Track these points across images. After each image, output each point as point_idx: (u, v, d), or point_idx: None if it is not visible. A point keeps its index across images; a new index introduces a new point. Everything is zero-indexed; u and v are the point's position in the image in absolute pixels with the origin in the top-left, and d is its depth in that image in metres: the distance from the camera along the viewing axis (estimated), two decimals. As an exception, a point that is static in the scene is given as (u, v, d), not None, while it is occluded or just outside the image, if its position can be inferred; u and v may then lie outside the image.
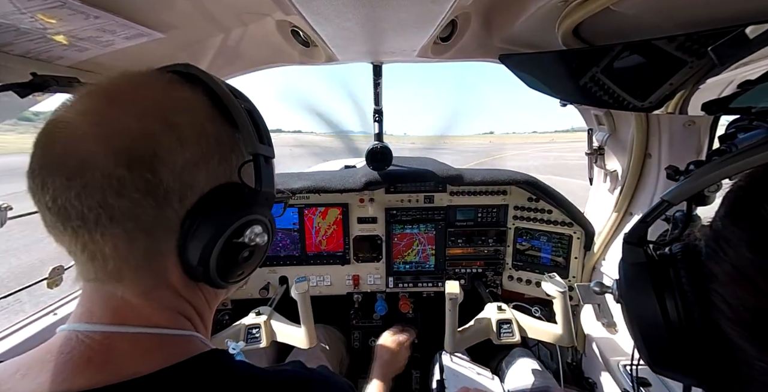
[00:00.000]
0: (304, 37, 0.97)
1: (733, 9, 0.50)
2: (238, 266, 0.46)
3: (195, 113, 0.42)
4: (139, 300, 0.41)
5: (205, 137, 0.41)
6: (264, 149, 0.45)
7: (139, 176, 0.36)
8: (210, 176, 0.41)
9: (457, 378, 1.24)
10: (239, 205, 0.43)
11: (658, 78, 0.59)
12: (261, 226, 0.46)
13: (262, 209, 0.45)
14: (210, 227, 0.40)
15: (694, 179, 0.39)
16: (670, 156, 1.05)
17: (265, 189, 0.44)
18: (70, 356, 0.37)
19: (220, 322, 1.56)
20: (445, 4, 0.64)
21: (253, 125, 0.45)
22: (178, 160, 0.38)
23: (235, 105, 0.44)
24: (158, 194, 0.37)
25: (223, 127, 0.43)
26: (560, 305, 1.16)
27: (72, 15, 0.60)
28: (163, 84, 0.42)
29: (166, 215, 0.39)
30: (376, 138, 1.41)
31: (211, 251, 0.41)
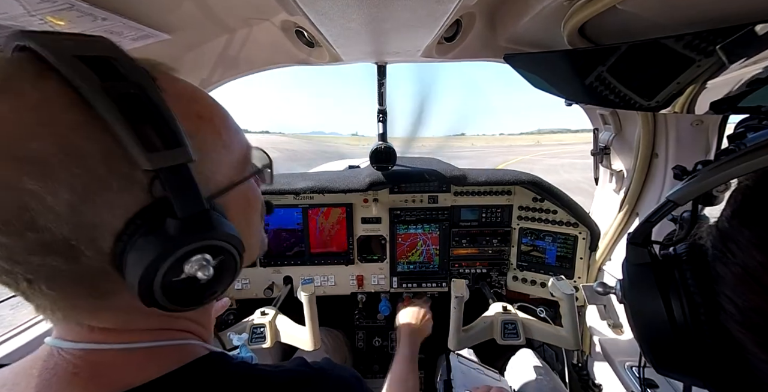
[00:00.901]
0: (309, 37, 0.98)
1: (742, 7, 0.49)
2: (204, 292, 0.37)
3: (54, 127, 0.28)
4: (116, 327, 0.37)
5: (82, 162, 0.29)
6: (166, 157, 0.31)
7: (21, 238, 0.28)
8: (114, 207, 0.31)
9: (465, 378, 1.23)
10: (160, 240, 0.32)
11: (666, 77, 0.59)
12: (203, 253, 0.34)
13: (196, 234, 0.33)
14: (137, 272, 0.31)
15: (701, 179, 0.38)
16: (678, 156, 1.04)
17: (187, 211, 0.33)
18: (54, 371, 0.35)
19: (225, 321, 1.57)
20: (450, 4, 0.64)
21: (141, 119, 0.30)
22: (56, 205, 0.28)
23: (99, 96, 0.29)
24: (60, 249, 0.29)
25: (105, 135, 0.29)
26: (567, 308, 1.16)
27: (80, 17, 0.61)
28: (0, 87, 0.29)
29: (87, 265, 0.31)
30: (381, 138, 1.41)
31: (153, 294, 0.33)
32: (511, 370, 1.39)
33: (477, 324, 1.29)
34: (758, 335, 0.31)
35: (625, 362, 1.11)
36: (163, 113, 0.32)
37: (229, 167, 0.40)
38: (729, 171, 0.35)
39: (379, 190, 1.55)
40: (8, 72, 0.30)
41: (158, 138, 0.31)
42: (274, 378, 0.42)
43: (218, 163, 0.39)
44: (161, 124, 0.31)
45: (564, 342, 1.19)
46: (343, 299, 1.71)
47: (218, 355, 0.42)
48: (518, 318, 1.25)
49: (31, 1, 0.53)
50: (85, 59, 0.30)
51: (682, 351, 0.37)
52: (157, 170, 0.31)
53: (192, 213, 0.33)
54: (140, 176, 0.32)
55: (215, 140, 0.39)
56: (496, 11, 0.89)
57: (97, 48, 0.32)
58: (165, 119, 0.32)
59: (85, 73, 0.29)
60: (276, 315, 1.29)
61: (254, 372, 0.42)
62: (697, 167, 0.47)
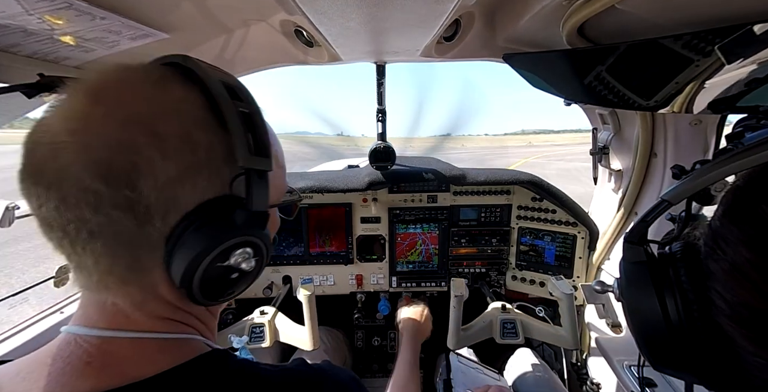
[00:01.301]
0: (308, 37, 0.98)
1: (741, 7, 0.49)
2: (225, 288, 0.43)
3: (184, 118, 0.37)
4: (132, 310, 0.40)
5: (193, 149, 0.37)
6: (257, 162, 0.39)
7: (117, 192, 0.34)
8: (197, 191, 0.37)
9: (465, 377, 1.23)
10: (226, 226, 0.39)
11: (664, 77, 0.59)
12: (250, 248, 0.41)
13: (252, 229, 0.41)
14: (193, 248, 0.37)
15: (694, 179, 0.39)
16: (676, 155, 1.04)
17: (256, 208, 0.40)
18: (69, 360, 0.37)
19: (225, 321, 1.57)
20: (449, 4, 0.64)
21: (249, 132, 0.39)
22: (161, 175, 0.35)
23: (229, 108, 0.38)
24: (138, 211, 0.35)
25: (217, 135, 0.38)
26: (566, 307, 1.16)
27: (78, 16, 0.60)
28: (151, 83, 0.38)
29: (148, 232, 0.36)
30: (380, 138, 1.41)
31: (193, 274, 0.37)
32: (510, 369, 1.39)
33: (476, 323, 1.29)
34: (747, 328, 0.32)
35: (623, 361, 1.11)
36: (263, 130, 0.41)
37: (275, 190, 0.47)
38: (721, 170, 0.36)
39: (379, 189, 1.55)
40: (165, 73, 0.39)
41: (255, 147, 0.39)
42: (275, 378, 0.44)
43: (271, 184, 0.45)
44: (260, 138, 0.40)
45: (563, 341, 1.19)
46: (342, 298, 1.71)
47: (221, 352, 0.44)
48: (517, 318, 1.25)
49: (29, 0, 0.53)
50: (224, 83, 0.40)
51: (676, 347, 0.38)
52: (247, 169, 0.39)
53: (259, 211, 0.41)
54: (225, 173, 0.39)
55: (275, 166, 0.46)
56: (495, 11, 0.89)
57: (231, 80, 0.43)
58: (264, 135, 0.41)
59: (222, 91, 0.39)
60: (275, 314, 1.29)
61: (255, 370, 0.43)
62: (695, 167, 0.47)
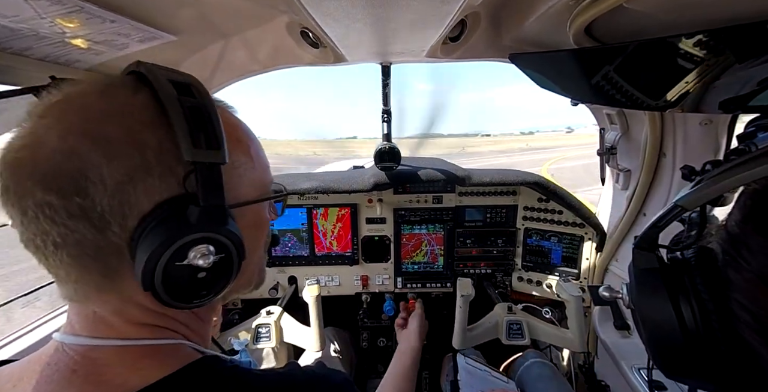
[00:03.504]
0: (314, 38, 0.98)
1: (750, 6, 0.48)
2: (195, 289, 0.40)
3: (128, 121, 0.36)
4: (113, 317, 0.40)
5: (140, 150, 0.36)
6: (206, 155, 0.37)
7: (69, 201, 0.33)
8: (151, 192, 0.36)
9: (472, 379, 1.23)
10: (179, 223, 0.37)
11: (673, 76, 0.58)
12: (211, 246, 0.38)
13: (209, 225, 0.38)
14: (148, 249, 0.35)
15: (712, 183, 0.36)
16: (686, 156, 1.03)
17: (208, 202, 0.37)
18: (56, 367, 0.37)
19: (230, 321, 1.58)
20: (455, 4, 0.64)
21: (197, 125, 0.37)
22: (109, 179, 0.34)
23: (173, 104, 0.37)
24: (93, 218, 0.34)
25: (166, 134, 0.37)
26: (573, 309, 1.15)
27: (89, 19, 0.61)
28: (97, 92, 0.37)
29: (109, 238, 0.35)
30: (385, 138, 1.41)
31: (152, 275, 0.36)
32: (517, 371, 1.38)
33: (482, 323, 1.29)
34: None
35: (632, 364, 1.09)
36: (214, 124, 0.39)
37: (250, 187, 0.46)
38: (741, 176, 0.34)
39: (384, 190, 1.55)
40: (113, 82, 0.39)
41: (204, 140, 0.37)
42: (268, 383, 0.44)
43: (244, 180, 0.45)
44: (209, 130, 0.38)
45: (570, 344, 1.18)
46: (347, 299, 1.71)
47: (211, 359, 0.43)
48: (523, 319, 1.25)
49: (41, 4, 0.54)
50: (173, 81, 0.39)
51: (694, 357, 0.36)
52: (195, 163, 0.37)
53: (212, 204, 0.38)
54: (179, 170, 0.37)
55: (246, 161, 0.45)
56: (501, 11, 0.88)
57: (184, 78, 0.41)
58: (214, 128, 0.39)
59: (169, 88, 0.38)
60: (281, 314, 1.30)
61: (248, 376, 0.43)
62: (706, 168, 0.46)
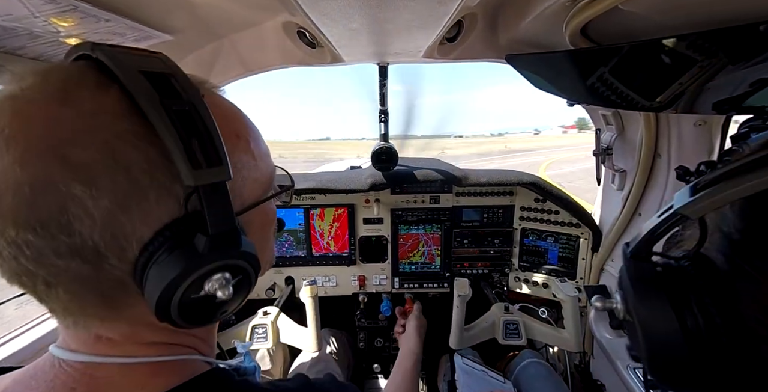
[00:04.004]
0: (311, 38, 0.98)
1: (745, 7, 0.49)
2: (213, 313, 0.37)
3: (103, 134, 0.29)
4: (121, 339, 0.36)
5: (126, 171, 0.30)
6: (209, 175, 0.32)
7: (53, 241, 0.28)
8: (148, 218, 0.31)
9: (469, 379, 1.23)
10: (189, 255, 0.32)
11: (668, 77, 0.59)
12: (227, 273, 0.35)
13: (222, 252, 0.34)
14: (159, 285, 0.31)
15: (719, 190, 0.31)
16: (680, 156, 1.04)
17: (217, 230, 0.33)
18: (53, 384, 0.34)
19: (227, 322, 1.57)
20: (452, 5, 0.64)
21: (192, 137, 0.31)
22: (95, 211, 0.29)
23: (158, 111, 0.30)
24: (87, 255, 0.30)
25: (152, 146, 0.31)
26: (570, 309, 1.15)
27: (84, 18, 0.61)
28: (51, 96, 0.29)
29: (109, 272, 0.31)
30: (382, 139, 1.41)
31: (168, 309, 0.33)
32: (513, 371, 1.39)
33: (479, 323, 1.29)
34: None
35: (628, 363, 1.10)
36: (210, 132, 0.33)
37: (256, 186, 0.41)
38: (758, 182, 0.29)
39: (381, 190, 1.55)
40: (70, 79, 0.31)
41: (203, 155, 0.31)
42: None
43: (248, 181, 0.40)
44: (207, 142, 0.32)
45: (566, 343, 1.19)
46: (344, 299, 1.71)
47: (220, 371, 0.41)
48: (520, 319, 1.25)
49: (35, 3, 0.53)
50: (148, 74, 0.32)
51: (700, 373, 0.33)
52: (197, 186, 0.31)
53: (222, 231, 0.33)
54: (178, 190, 0.32)
55: (248, 159, 0.40)
56: (498, 12, 0.89)
57: (158, 64, 0.34)
58: (211, 137, 0.33)
59: (147, 88, 0.31)
60: (278, 315, 1.30)
61: (256, 390, 0.41)
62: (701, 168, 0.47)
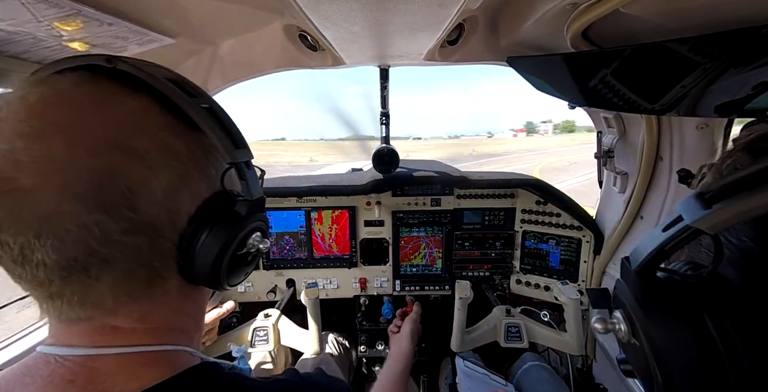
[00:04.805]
0: (312, 41, 0.98)
1: (747, 11, 0.49)
2: (244, 270, 0.47)
3: (151, 128, 0.37)
4: (133, 325, 0.39)
5: (175, 156, 0.37)
6: (242, 154, 0.41)
7: (120, 218, 0.33)
8: (194, 195, 0.39)
9: (471, 382, 1.22)
10: (235, 219, 0.41)
11: (670, 80, 0.59)
12: (260, 232, 0.45)
13: (256, 215, 0.44)
14: (213, 248, 0.39)
15: (744, 203, 0.26)
16: (682, 159, 1.03)
17: (255, 196, 0.43)
18: (50, 378, 0.35)
19: (229, 324, 1.57)
20: (453, 8, 0.64)
21: (220, 126, 0.40)
22: (157, 190, 0.35)
23: (194, 107, 0.38)
24: (147, 230, 0.35)
25: (189, 136, 0.39)
26: (572, 313, 1.15)
27: (87, 22, 0.61)
28: (96, 101, 0.35)
29: (161, 244, 0.37)
30: (383, 141, 1.41)
31: (219, 270, 0.40)
32: (515, 374, 1.38)
33: (480, 326, 1.29)
34: None
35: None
36: (230, 121, 0.42)
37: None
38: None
39: (382, 193, 1.55)
40: (103, 86, 0.37)
41: (232, 140, 0.40)
42: (265, 390, 0.43)
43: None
44: (231, 129, 0.41)
45: (568, 347, 1.18)
46: (345, 302, 1.71)
47: (210, 365, 0.43)
48: (522, 322, 1.24)
49: (38, 8, 0.54)
50: (171, 81, 0.39)
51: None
52: (236, 163, 0.40)
53: (259, 197, 0.43)
54: (211, 170, 0.41)
55: None
56: (499, 15, 0.89)
57: (174, 75, 0.41)
58: (232, 125, 0.42)
59: (177, 91, 0.38)
60: (279, 317, 1.29)
61: (246, 383, 0.42)
62: (703, 171, 0.46)
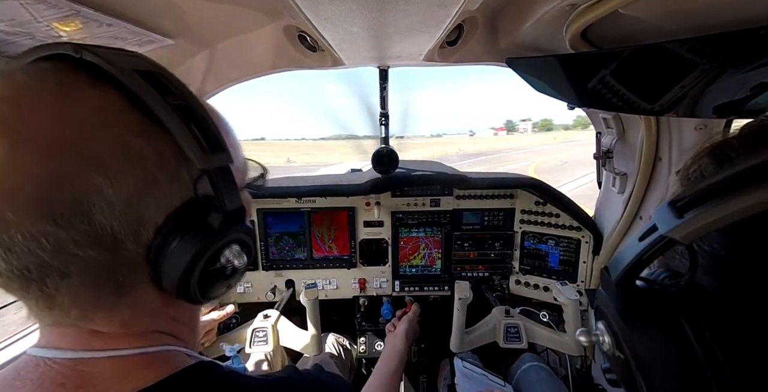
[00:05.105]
0: (311, 41, 0.98)
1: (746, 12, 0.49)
2: (223, 284, 0.42)
3: (112, 130, 0.32)
4: (115, 330, 0.37)
5: (139, 161, 0.32)
6: (216, 159, 0.36)
7: (73, 230, 0.30)
8: (161, 204, 0.34)
9: (470, 382, 1.22)
10: (206, 231, 0.37)
11: (669, 81, 0.59)
12: (236, 245, 0.40)
13: (233, 227, 0.39)
14: (180, 262, 0.35)
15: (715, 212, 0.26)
16: (681, 159, 1.04)
17: (230, 207, 0.38)
18: (40, 382, 0.34)
19: (228, 325, 1.57)
20: (452, 9, 0.64)
21: (194, 126, 0.35)
22: (115, 200, 0.31)
23: (161, 105, 0.33)
24: (105, 242, 0.32)
25: (158, 138, 0.34)
26: (571, 313, 1.15)
27: (86, 23, 0.61)
28: (53, 95, 0.31)
29: (125, 256, 0.33)
30: (383, 142, 1.41)
31: (188, 284, 0.36)
32: (514, 375, 1.38)
33: (479, 326, 1.29)
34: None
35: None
36: (208, 122, 0.37)
37: (237, 174, 0.43)
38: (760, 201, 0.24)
39: (382, 193, 1.55)
40: (65, 79, 0.32)
41: (206, 143, 0.35)
42: (264, 387, 0.42)
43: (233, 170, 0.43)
44: (208, 132, 0.36)
45: (567, 347, 1.18)
46: (344, 302, 1.70)
47: (206, 364, 0.42)
48: (521, 322, 1.24)
49: (37, 8, 0.53)
50: (141, 73, 0.34)
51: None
52: (209, 169, 0.36)
53: (233, 209, 0.38)
54: (185, 175, 0.36)
55: (233, 151, 0.42)
56: (498, 16, 0.89)
57: (143, 63, 0.36)
58: (210, 127, 0.37)
59: (144, 86, 0.33)
60: (278, 318, 1.29)
61: (244, 381, 0.42)
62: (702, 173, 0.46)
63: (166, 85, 0.35)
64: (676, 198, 0.29)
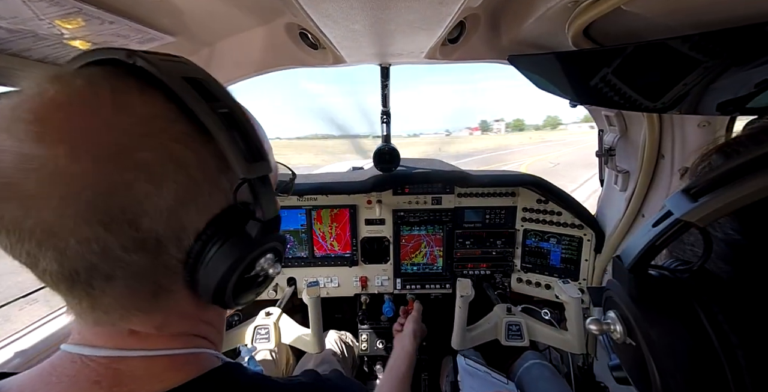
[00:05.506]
0: (313, 39, 0.98)
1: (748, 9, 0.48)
2: (254, 291, 0.43)
3: (162, 139, 0.33)
4: (151, 331, 0.39)
5: (184, 169, 0.33)
6: (257, 169, 0.37)
7: (122, 235, 0.31)
8: (202, 210, 0.36)
9: (472, 380, 1.23)
10: (245, 240, 0.38)
11: (672, 78, 0.58)
12: (271, 254, 0.41)
13: (269, 236, 0.40)
14: (219, 269, 0.36)
15: (730, 194, 0.26)
16: (684, 157, 1.03)
17: (268, 216, 0.39)
18: (75, 379, 0.35)
19: (230, 323, 1.58)
20: (453, 6, 0.64)
21: (237, 134, 0.36)
22: (162, 206, 0.32)
23: (207, 113, 0.34)
24: (149, 247, 0.33)
25: (203, 146, 0.35)
26: (573, 311, 1.15)
27: (88, 20, 0.61)
28: (106, 103, 0.32)
29: (166, 261, 0.35)
30: (384, 140, 1.41)
31: (224, 291, 0.38)
32: (516, 373, 1.38)
33: (481, 324, 1.29)
34: None
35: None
36: (250, 130, 0.38)
37: (272, 180, 0.45)
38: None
39: (383, 191, 1.55)
40: (116, 85, 0.33)
41: (249, 151, 0.36)
42: (288, 390, 0.44)
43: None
44: (250, 138, 0.37)
45: (569, 345, 1.18)
46: (346, 300, 1.71)
47: (232, 366, 0.43)
48: (522, 320, 1.24)
49: (40, 6, 0.54)
50: (188, 80, 0.35)
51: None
52: (250, 179, 0.36)
53: (271, 217, 0.39)
54: (224, 183, 0.37)
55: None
56: (500, 13, 0.88)
57: (190, 69, 0.37)
58: (251, 133, 0.38)
59: (193, 94, 0.34)
60: (280, 316, 1.30)
61: (268, 383, 0.43)
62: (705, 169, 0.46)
63: (212, 93, 0.36)
64: (689, 186, 0.30)
